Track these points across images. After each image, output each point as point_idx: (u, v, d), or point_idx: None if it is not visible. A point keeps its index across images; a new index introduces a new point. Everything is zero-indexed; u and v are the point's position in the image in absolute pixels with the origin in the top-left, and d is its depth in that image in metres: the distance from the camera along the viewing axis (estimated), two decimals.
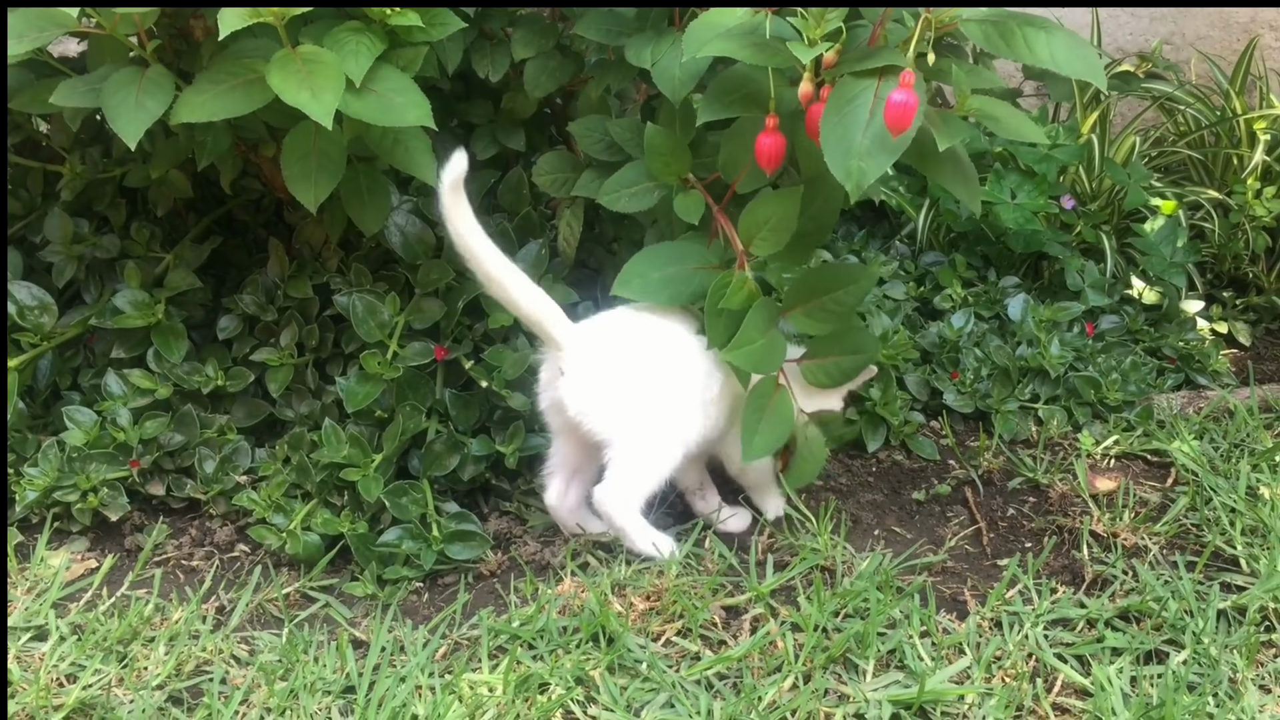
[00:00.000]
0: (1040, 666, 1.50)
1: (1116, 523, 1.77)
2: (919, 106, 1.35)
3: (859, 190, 1.38)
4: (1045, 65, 1.37)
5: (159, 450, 1.80)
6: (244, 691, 1.45)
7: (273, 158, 1.77)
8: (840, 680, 1.47)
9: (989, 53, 2.17)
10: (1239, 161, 2.65)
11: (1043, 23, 1.40)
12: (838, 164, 1.38)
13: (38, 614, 1.59)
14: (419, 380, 1.82)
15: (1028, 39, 1.38)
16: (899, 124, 1.34)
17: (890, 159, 1.38)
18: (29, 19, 1.49)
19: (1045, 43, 1.38)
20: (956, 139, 1.42)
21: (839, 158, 1.38)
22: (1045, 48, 1.38)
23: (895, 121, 1.34)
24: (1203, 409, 2.11)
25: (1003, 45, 1.38)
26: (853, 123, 1.38)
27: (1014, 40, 1.38)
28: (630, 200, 1.70)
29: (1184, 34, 3.16)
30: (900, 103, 1.34)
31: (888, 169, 1.40)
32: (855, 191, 1.38)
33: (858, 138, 1.37)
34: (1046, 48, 1.38)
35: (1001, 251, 2.43)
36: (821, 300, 1.66)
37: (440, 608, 1.63)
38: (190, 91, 1.51)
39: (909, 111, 1.34)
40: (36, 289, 1.87)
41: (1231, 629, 1.56)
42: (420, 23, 1.55)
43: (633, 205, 1.70)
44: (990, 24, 1.39)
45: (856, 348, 1.71)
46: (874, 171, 1.37)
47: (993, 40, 1.38)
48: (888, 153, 1.37)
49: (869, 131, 1.37)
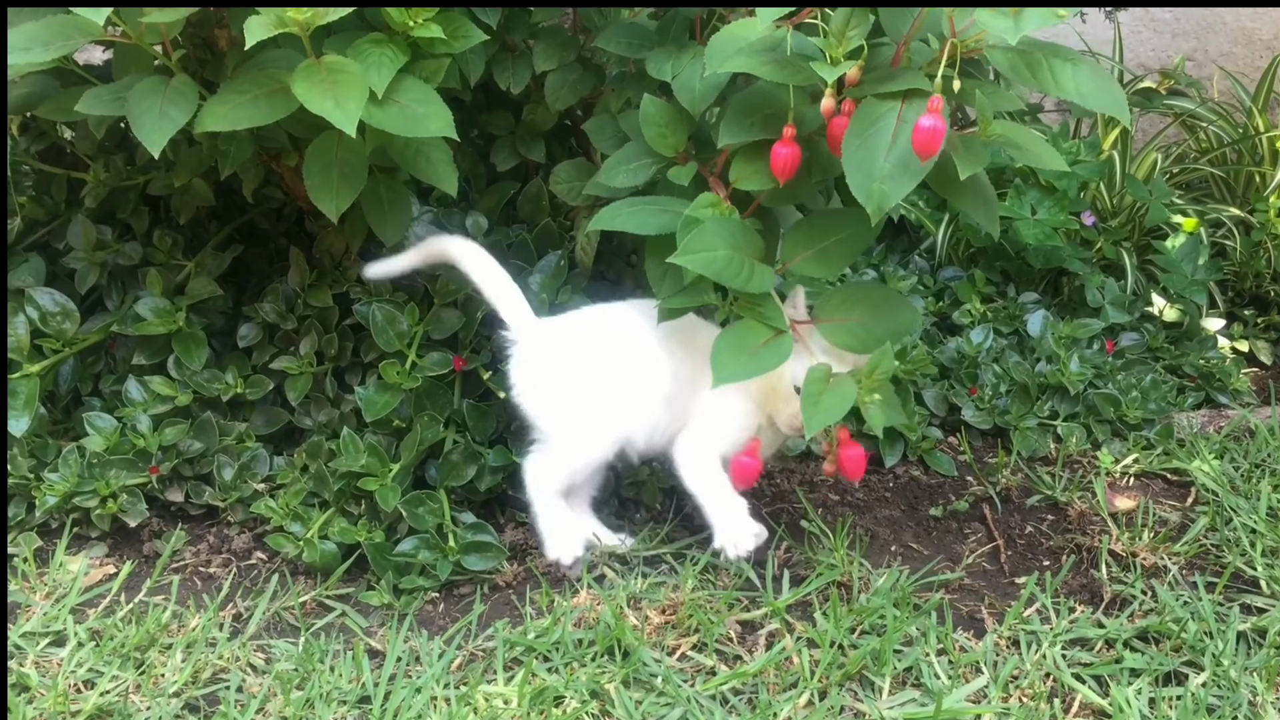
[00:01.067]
0: (1058, 686, 1.49)
1: (1136, 542, 1.76)
2: (946, 132, 1.35)
3: (879, 213, 1.38)
4: (1070, 98, 1.37)
5: (178, 457, 1.80)
6: (260, 700, 1.45)
7: (295, 167, 1.78)
8: (856, 698, 1.46)
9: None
10: (1261, 179, 2.64)
11: (1069, 54, 1.40)
12: (860, 186, 1.38)
13: (56, 619, 1.59)
14: (437, 390, 1.82)
15: (1054, 70, 1.38)
16: (927, 149, 1.34)
17: (912, 183, 1.37)
18: (54, 27, 1.50)
19: (1071, 75, 1.38)
20: (978, 167, 1.42)
21: (861, 180, 1.38)
22: (1071, 80, 1.37)
23: (923, 147, 1.34)
24: (1223, 428, 2.10)
25: (1028, 75, 1.38)
26: (875, 145, 1.38)
27: (1040, 71, 1.38)
28: (627, 176, 1.67)
29: (1206, 50, 3.15)
30: (929, 128, 1.33)
31: (908, 193, 1.39)
32: (876, 214, 1.38)
33: (880, 160, 1.37)
34: (1072, 80, 1.37)
35: (1021, 267, 2.43)
36: (823, 245, 1.59)
37: (456, 618, 1.63)
38: (215, 101, 1.51)
39: (937, 137, 1.33)
40: (59, 295, 1.88)
41: (1251, 651, 1.55)
42: (443, 34, 1.56)
43: (629, 181, 1.67)
44: (1016, 53, 1.38)
45: (886, 311, 1.60)
46: (896, 195, 1.37)
47: (1019, 70, 1.38)
48: (910, 176, 1.37)
49: (891, 155, 1.37)
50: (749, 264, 1.52)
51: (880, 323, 1.58)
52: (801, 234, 1.59)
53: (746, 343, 1.54)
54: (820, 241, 1.58)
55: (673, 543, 1.77)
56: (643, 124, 1.63)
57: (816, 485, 1.93)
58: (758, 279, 1.52)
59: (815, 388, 1.50)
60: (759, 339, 1.54)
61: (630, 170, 1.67)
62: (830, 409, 1.48)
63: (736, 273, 1.50)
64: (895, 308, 1.60)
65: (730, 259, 1.50)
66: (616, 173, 1.67)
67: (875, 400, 1.49)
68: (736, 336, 1.55)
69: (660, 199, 1.62)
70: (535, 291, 1.87)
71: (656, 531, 1.79)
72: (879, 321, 1.58)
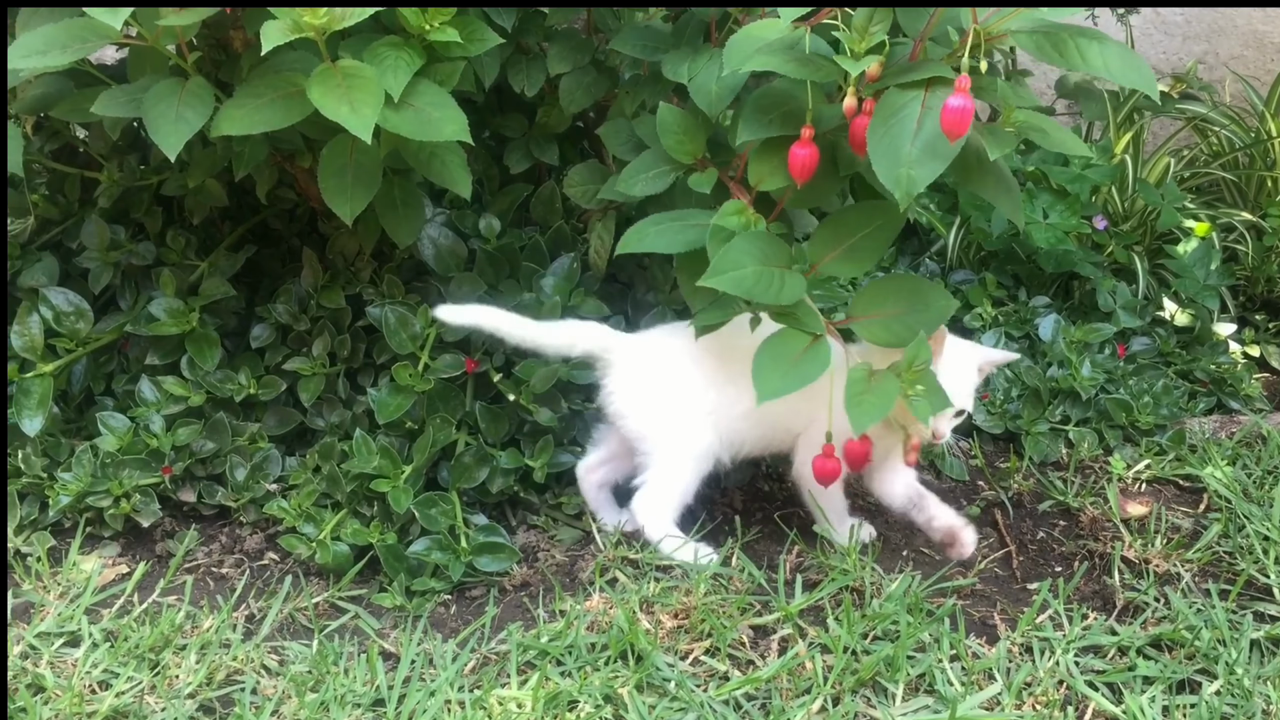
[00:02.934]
0: (1071, 694, 1.49)
1: (1148, 549, 1.76)
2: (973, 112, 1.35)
3: (908, 198, 1.38)
4: (1099, 74, 1.36)
5: (191, 457, 1.81)
6: (275, 702, 1.46)
7: (309, 169, 1.78)
8: (869, 704, 1.46)
9: (1021, 71, 2.16)
10: (1273, 183, 2.64)
11: (1095, 33, 1.39)
12: (887, 173, 1.38)
13: (70, 619, 1.60)
14: (449, 392, 1.82)
15: (1080, 49, 1.38)
16: (957, 128, 1.34)
17: (940, 167, 1.37)
18: (72, 30, 1.50)
19: (1099, 52, 1.37)
20: (1006, 149, 1.42)
21: (888, 167, 1.38)
22: (1099, 57, 1.37)
23: (952, 126, 1.34)
24: (1235, 434, 2.10)
25: (1055, 55, 1.37)
26: (900, 132, 1.38)
27: (1067, 50, 1.38)
28: (646, 184, 1.67)
29: (1218, 54, 3.14)
30: (958, 108, 1.33)
31: (936, 177, 1.39)
32: (905, 199, 1.38)
33: (906, 147, 1.37)
34: (1100, 57, 1.37)
35: (1032, 271, 2.42)
36: (850, 242, 1.58)
37: (468, 620, 1.64)
38: (230, 104, 1.52)
39: (966, 116, 1.33)
40: (72, 295, 1.89)
41: (1265, 660, 1.55)
42: (459, 38, 1.56)
43: (648, 189, 1.68)
44: (1042, 34, 1.38)
45: (920, 301, 1.59)
46: (923, 179, 1.37)
47: (1045, 50, 1.38)
48: (938, 160, 1.37)
49: (918, 141, 1.37)
50: (779, 276, 1.51)
51: (916, 313, 1.57)
52: (828, 233, 1.59)
53: (786, 353, 1.53)
54: (847, 239, 1.58)
55: None
56: (660, 132, 1.63)
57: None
58: (789, 290, 1.51)
59: (858, 388, 1.50)
60: (798, 347, 1.53)
61: (649, 178, 1.67)
62: (875, 407, 1.48)
63: (767, 287, 1.50)
64: (929, 296, 1.60)
65: (760, 274, 1.50)
66: (635, 181, 1.68)
67: (919, 391, 1.50)
68: (775, 348, 1.54)
69: (684, 213, 1.62)
70: (548, 294, 1.87)
71: None
72: (914, 312, 1.57)
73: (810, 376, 1.51)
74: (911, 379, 1.50)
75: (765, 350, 1.53)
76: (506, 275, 1.90)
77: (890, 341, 1.57)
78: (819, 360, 1.52)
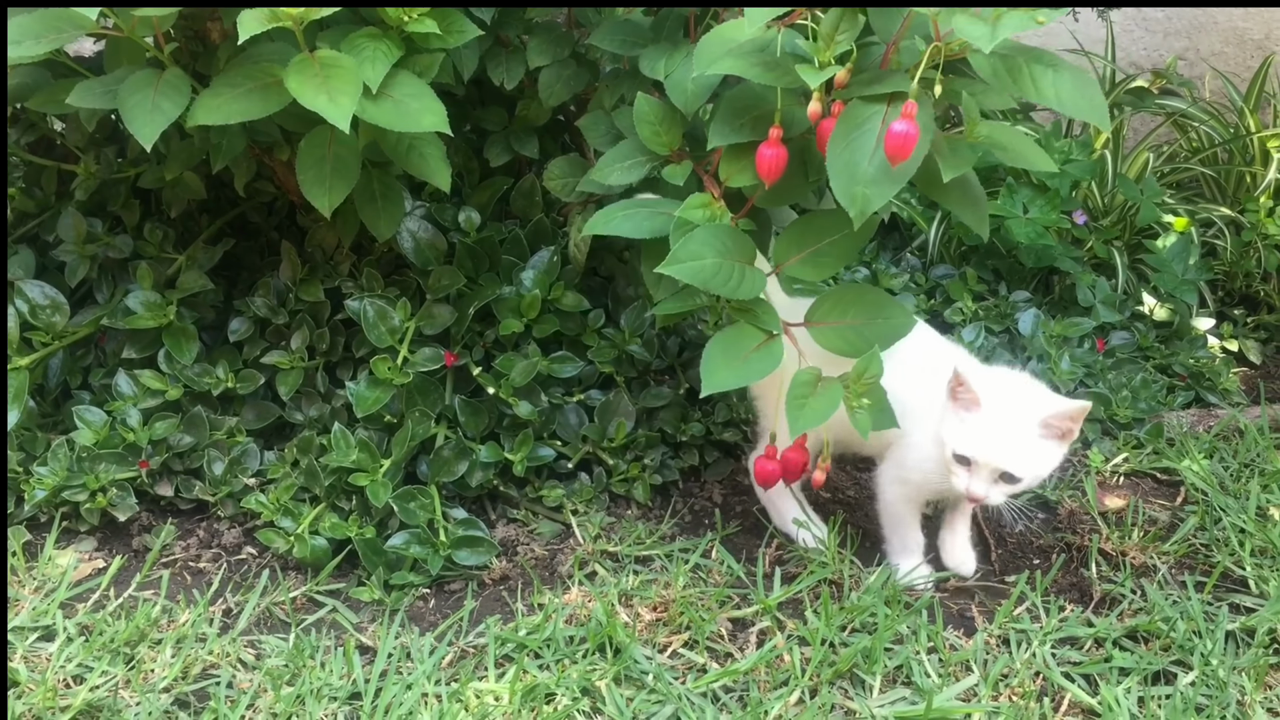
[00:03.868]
0: (1048, 685, 1.50)
1: (1125, 541, 1.77)
2: (919, 138, 1.34)
3: (862, 217, 1.38)
4: (1050, 104, 1.37)
5: (168, 451, 1.80)
6: (251, 696, 1.45)
7: (287, 161, 1.77)
8: (847, 696, 1.46)
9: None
10: (1252, 179, 2.65)
11: (1051, 59, 1.40)
12: (843, 190, 1.38)
13: (45, 614, 1.59)
14: (429, 386, 1.82)
15: (1034, 76, 1.38)
16: (898, 154, 1.34)
17: (896, 187, 1.38)
18: (48, 20, 1.49)
19: (1051, 81, 1.38)
20: (963, 169, 1.42)
21: (844, 184, 1.38)
22: (1051, 86, 1.38)
23: (895, 151, 1.34)
24: (1213, 427, 2.11)
25: (1009, 81, 1.38)
26: (860, 149, 1.37)
27: (1020, 77, 1.38)
28: (621, 174, 1.66)
29: (1198, 50, 3.16)
30: (900, 133, 1.33)
31: (891, 197, 1.39)
32: (859, 218, 1.38)
33: (864, 164, 1.37)
34: (1052, 86, 1.37)
35: (1013, 266, 2.43)
36: (817, 247, 1.58)
37: (447, 614, 1.63)
38: (207, 94, 1.51)
39: (909, 143, 1.33)
40: (49, 288, 1.87)
41: (1240, 651, 1.55)
42: (437, 30, 1.55)
43: (623, 179, 1.67)
44: (998, 59, 1.38)
45: (879, 313, 1.58)
46: (878, 199, 1.37)
47: (1000, 76, 1.38)
48: (893, 181, 1.37)
49: (875, 159, 1.36)
50: (739, 270, 1.51)
51: (872, 326, 1.56)
52: (794, 236, 1.59)
53: (739, 348, 1.52)
54: (813, 243, 1.57)
55: (664, 541, 1.77)
56: (637, 122, 1.62)
57: (807, 483, 1.93)
58: (748, 285, 1.51)
59: (802, 391, 1.49)
60: (751, 343, 1.52)
61: (624, 168, 1.66)
62: (816, 412, 1.47)
63: (725, 280, 1.49)
64: (887, 311, 1.58)
65: (719, 267, 1.49)
66: (610, 171, 1.67)
67: (864, 405, 1.48)
68: (728, 342, 1.53)
69: (654, 201, 1.62)
70: (528, 287, 1.87)
71: (651, 530, 1.79)
72: (871, 325, 1.56)
73: (760, 374, 1.51)
74: (859, 391, 1.48)
75: (717, 343, 1.52)
76: (486, 268, 1.90)
77: (845, 350, 1.56)
78: (771, 358, 1.51)
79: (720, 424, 1.93)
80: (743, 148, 1.54)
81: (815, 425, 1.47)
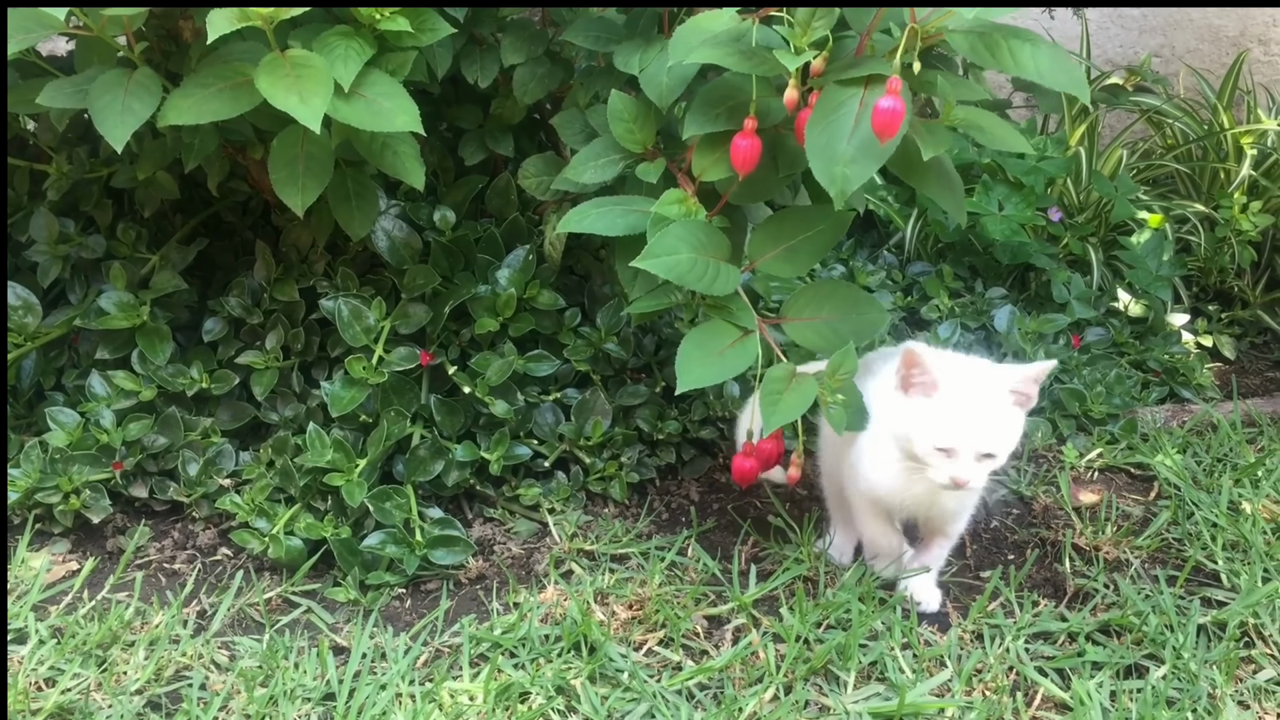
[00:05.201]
0: (1021, 680, 1.50)
1: (1099, 536, 1.78)
2: (906, 113, 1.35)
3: (843, 197, 1.38)
4: (1030, 77, 1.36)
5: (142, 452, 1.79)
6: (223, 697, 1.45)
7: (260, 160, 1.76)
8: (821, 692, 1.47)
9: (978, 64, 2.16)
10: (1226, 176, 2.67)
11: (1028, 35, 1.40)
12: (822, 171, 1.38)
13: (17, 616, 1.58)
14: (404, 385, 1.81)
15: (1013, 51, 1.38)
16: (886, 130, 1.34)
17: (875, 166, 1.38)
18: (17, 20, 1.48)
19: (1030, 55, 1.38)
20: (941, 149, 1.42)
21: (824, 164, 1.38)
22: (1030, 60, 1.38)
23: (882, 128, 1.34)
24: (1186, 423, 2.12)
25: (988, 56, 1.38)
26: (838, 130, 1.38)
27: (999, 52, 1.38)
28: (595, 172, 1.66)
29: (1173, 47, 3.17)
30: (888, 109, 1.34)
31: (873, 176, 1.39)
32: (840, 198, 1.38)
33: (843, 145, 1.37)
34: (1032, 60, 1.38)
35: (988, 262, 2.44)
36: (791, 243, 1.58)
37: (422, 614, 1.63)
38: (178, 94, 1.50)
39: (896, 118, 1.34)
40: (21, 289, 1.86)
41: (1211, 644, 1.57)
42: (410, 28, 1.55)
43: (596, 177, 1.66)
44: (976, 35, 1.38)
45: (854, 309, 1.58)
46: (858, 178, 1.37)
47: (978, 51, 1.38)
48: (872, 160, 1.37)
49: (854, 139, 1.37)
50: (713, 266, 1.51)
51: (847, 322, 1.57)
52: (770, 231, 1.59)
53: (713, 344, 1.52)
54: (788, 239, 1.58)
55: (640, 539, 1.77)
56: (611, 120, 1.62)
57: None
58: (722, 281, 1.51)
59: (775, 386, 1.49)
60: (726, 340, 1.53)
61: (598, 166, 1.66)
62: (790, 408, 1.47)
63: (700, 275, 1.49)
64: (862, 306, 1.59)
65: (694, 262, 1.49)
66: (584, 169, 1.67)
67: (838, 400, 1.48)
68: (702, 339, 1.53)
69: (627, 198, 1.62)
70: (504, 286, 1.87)
71: (628, 528, 1.79)
72: (846, 320, 1.57)
73: (735, 369, 1.51)
74: (832, 386, 1.48)
75: (691, 340, 1.52)
76: (462, 267, 1.89)
77: (819, 346, 1.56)
78: (746, 355, 1.51)
79: (697, 422, 1.94)
80: (716, 139, 1.54)
81: (789, 420, 1.47)
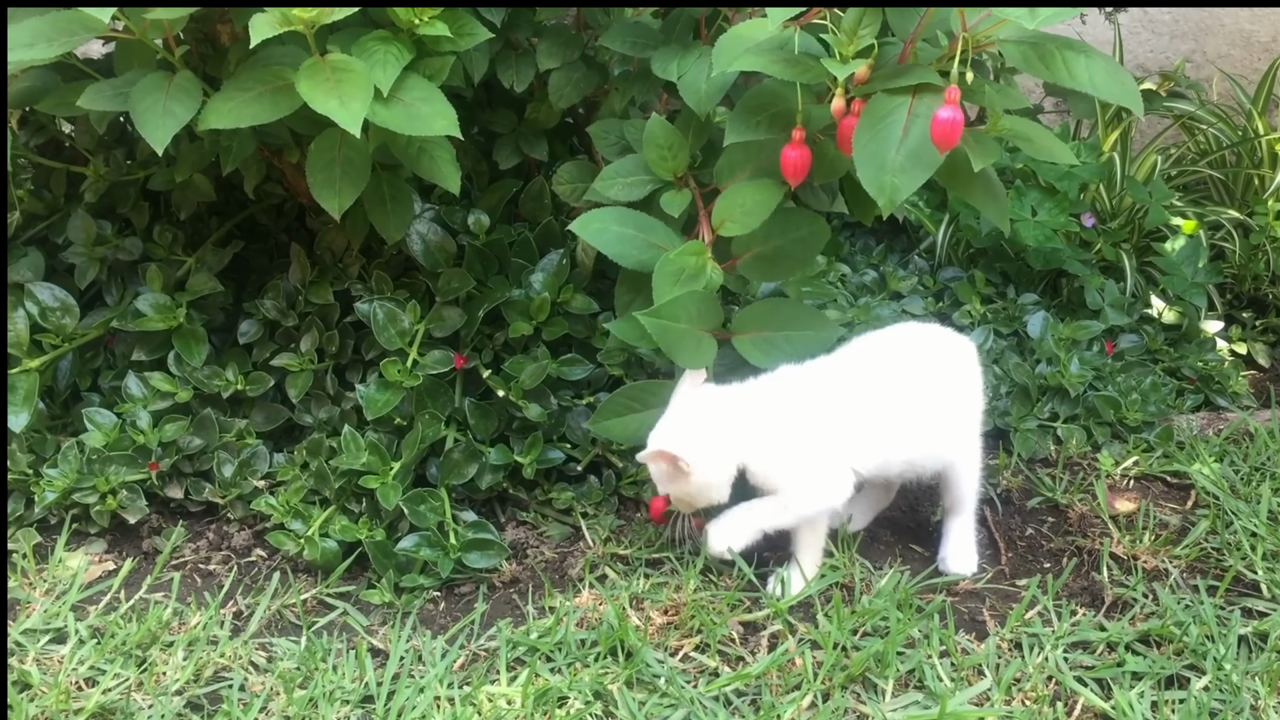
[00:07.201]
0: (1061, 689, 1.49)
1: (1136, 545, 1.77)
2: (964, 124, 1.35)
3: (892, 205, 1.38)
4: (1084, 89, 1.36)
5: (178, 453, 1.80)
6: (263, 699, 1.45)
7: (296, 164, 1.77)
8: (859, 700, 1.46)
9: (1010, 69, 2.15)
10: (1260, 182, 2.65)
11: (1081, 46, 1.40)
12: (871, 179, 1.38)
13: (56, 616, 1.59)
14: (438, 388, 1.81)
15: (1067, 62, 1.38)
16: (947, 141, 1.34)
17: (924, 175, 1.38)
18: (58, 23, 1.49)
19: (1085, 66, 1.37)
20: (990, 160, 1.42)
21: (873, 173, 1.38)
22: (1085, 71, 1.37)
23: (943, 138, 1.34)
24: (1222, 431, 2.10)
25: (1041, 67, 1.37)
26: (886, 139, 1.38)
27: (1053, 63, 1.38)
28: (623, 190, 1.68)
29: (1205, 53, 3.15)
30: (948, 120, 1.33)
31: (920, 185, 1.40)
32: (889, 207, 1.38)
33: (891, 154, 1.37)
34: (1085, 71, 1.37)
35: (1021, 268, 2.43)
36: (776, 244, 1.61)
37: (457, 617, 1.63)
38: (218, 98, 1.51)
39: (956, 128, 1.34)
40: (58, 290, 1.87)
41: (1253, 655, 1.55)
42: (448, 32, 1.55)
43: (624, 195, 1.68)
44: (1029, 45, 1.38)
45: (800, 325, 1.63)
46: (907, 188, 1.37)
47: (1031, 62, 1.38)
48: (922, 169, 1.37)
49: (903, 148, 1.37)
50: (699, 339, 1.59)
51: (796, 339, 1.62)
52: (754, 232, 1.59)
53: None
54: (773, 241, 1.60)
55: (675, 544, 1.77)
56: (645, 143, 1.64)
57: None
58: (702, 355, 1.59)
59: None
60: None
61: (627, 184, 1.68)
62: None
63: (686, 348, 1.58)
64: (809, 323, 1.63)
65: (686, 334, 1.57)
66: (613, 183, 1.68)
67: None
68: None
69: (649, 223, 1.64)
70: (537, 290, 1.87)
71: (661, 532, 1.79)
72: (795, 337, 1.62)
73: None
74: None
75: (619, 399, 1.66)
76: (495, 271, 1.90)
77: (766, 363, 1.61)
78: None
79: None
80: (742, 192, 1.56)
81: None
